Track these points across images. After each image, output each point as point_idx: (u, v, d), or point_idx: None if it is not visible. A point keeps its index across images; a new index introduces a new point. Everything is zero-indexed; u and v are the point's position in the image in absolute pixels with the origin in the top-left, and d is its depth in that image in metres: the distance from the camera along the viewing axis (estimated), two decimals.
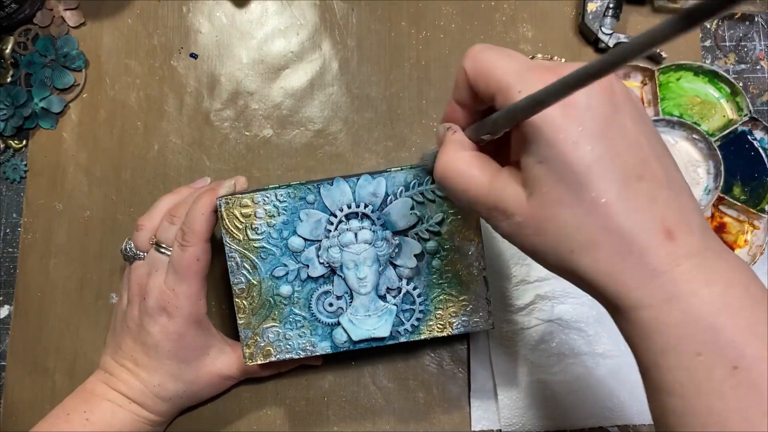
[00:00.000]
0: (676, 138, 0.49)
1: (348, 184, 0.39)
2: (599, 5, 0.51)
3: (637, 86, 0.51)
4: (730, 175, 0.49)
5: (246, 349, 0.41)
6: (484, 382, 0.47)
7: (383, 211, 0.40)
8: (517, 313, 0.48)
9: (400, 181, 0.39)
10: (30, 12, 0.53)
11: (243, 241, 0.40)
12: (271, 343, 0.40)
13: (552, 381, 0.47)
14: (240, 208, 0.40)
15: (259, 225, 0.40)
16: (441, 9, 0.53)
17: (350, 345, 0.40)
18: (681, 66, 0.50)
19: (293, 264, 0.40)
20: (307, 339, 0.40)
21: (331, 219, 0.40)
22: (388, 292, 0.40)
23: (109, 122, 0.53)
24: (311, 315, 0.40)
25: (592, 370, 0.47)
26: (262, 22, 0.54)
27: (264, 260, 0.40)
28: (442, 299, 0.40)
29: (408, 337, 0.40)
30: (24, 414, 0.49)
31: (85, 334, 0.50)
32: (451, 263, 0.40)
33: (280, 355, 0.40)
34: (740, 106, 0.49)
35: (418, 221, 0.40)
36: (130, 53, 0.53)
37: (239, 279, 0.40)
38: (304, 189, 0.40)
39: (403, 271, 0.40)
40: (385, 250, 0.39)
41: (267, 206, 0.40)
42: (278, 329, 0.40)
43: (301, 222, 0.40)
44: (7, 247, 0.51)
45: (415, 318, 0.40)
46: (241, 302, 0.40)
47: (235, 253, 0.40)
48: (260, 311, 0.40)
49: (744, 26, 0.53)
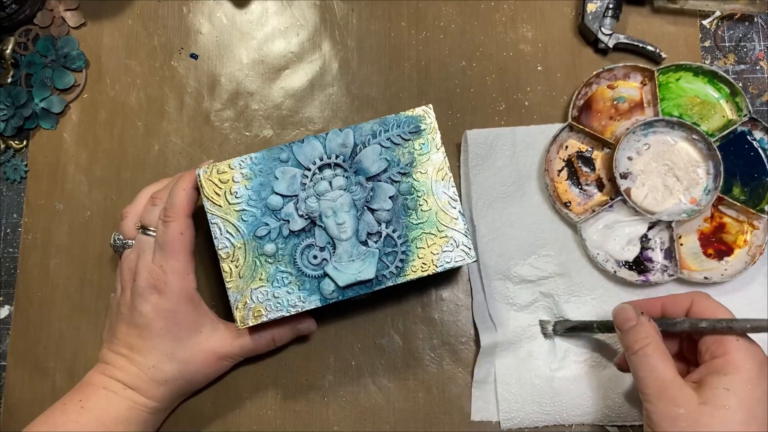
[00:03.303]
0: (676, 138, 0.49)
1: (318, 140, 0.42)
2: (599, 5, 0.51)
3: (637, 86, 0.51)
4: (730, 175, 0.49)
5: (237, 313, 0.41)
6: (486, 374, 0.48)
7: (354, 159, 0.41)
8: (520, 312, 0.48)
9: (367, 131, 0.42)
10: (30, 12, 0.53)
11: (223, 207, 0.41)
12: (261, 303, 0.41)
13: (552, 378, 0.47)
14: (218, 175, 0.42)
15: (237, 189, 0.42)
16: (441, 9, 0.53)
17: (338, 294, 0.41)
18: (681, 66, 0.50)
19: (274, 222, 0.41)
20: (296, 295, 0.41)
21: (305, 173, 0.41)
22: (369, 237, 0.41)
23: (109, 122, 0.53)
24: (297, 270, 0.41)
25: (594, 369, 0.47)
26: (263, 23, 0.54)
27: (246, 222, 0.41)
28: (422, 239, 0.41)
29: (394, 280, 0.41)
30: (24, 414, 0.49)
31: (85, 334, 0.50)
32: (425, 203, 0.41)
33: (271, 315, 0.41)
34: (740, 107, 0.49)
35: (389, 165, 0.42)
36: (130, 53, 0.54)
37: (224, 244, 0.41)
38: (277, 150, 0.42)
39: (381, 214, 0.41)
40: (360, 195, 0.41)
41: (243, 170, 0.42)
42: (266, 289, 0.41)
43: (277, 180, 0.41)
44: (8, 247, 0.51)
45: (398, 260, 0.41)
46: (227, 266, 0.41)
47: (217, 219, 0.41)
48: (247, 273, 0.41)
49: (743, 26, 0.53)
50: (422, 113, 0.42)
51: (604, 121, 0.50)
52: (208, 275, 0.50)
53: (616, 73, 0.50)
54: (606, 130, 0.50)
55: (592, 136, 0.50)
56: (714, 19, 0.53)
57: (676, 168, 0.49)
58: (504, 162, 0.50)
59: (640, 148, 0.49)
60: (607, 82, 0.51)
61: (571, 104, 0.50)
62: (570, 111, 0.49)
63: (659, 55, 0.51)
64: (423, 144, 0.42)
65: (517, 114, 0.51)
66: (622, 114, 0.50)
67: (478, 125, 0.51)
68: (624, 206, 0.48)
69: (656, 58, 0.51)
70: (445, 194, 0.41)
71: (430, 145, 0.42)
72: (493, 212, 0.49)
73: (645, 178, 0.49)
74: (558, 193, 0.49)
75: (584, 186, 0.50)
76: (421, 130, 0.42)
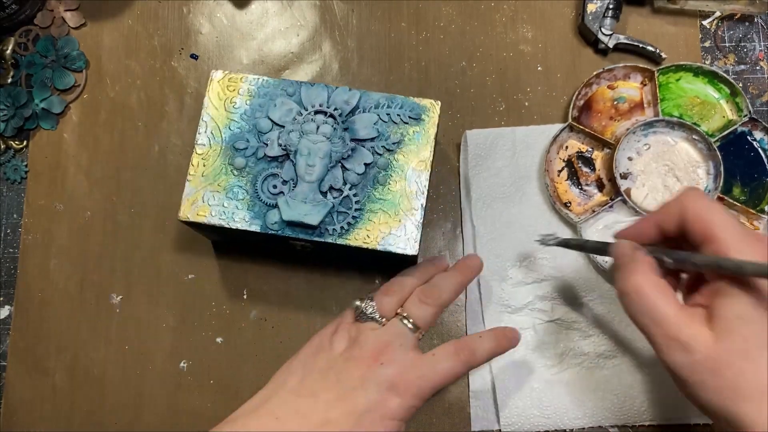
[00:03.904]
0: (676, 139, 0.49)
1: (327, 90, 0.43)
2: (599, 6, 0.51)
3: (637, 87, 0.51)
4: (730, 175, 0.49)
5: (184, 206, 0.42)
6: (483, 383, 0.47)
7: (349, 119, 0.43)
8: (515, 314, 0.48)
9: (373, 100, 0.43)
10: (31, 13, 0.53)
11: (219, 110, 0.44)
12: (210, 206, 0.42)
13: (552, 381, 0.47)
14: (228, 82, 0.44)
15: (237, 101, 0.44)
16: (441, 9, 0.53)
17: (279, 228, 0.41)
18: (681, 67, 0.50)
19: (255, 141, 0.43)
20: (243, 213, 0.42)
21: (301, 111, 0.43)
22: (330, 190, 0.42)
23: (109, 123, 0.53)
24: (254, 192, 0.42)
25: (592, 370, 0.47)
26: (263, 23, 0.54)
27: (230, 131, 0.43)
28: (377, 214, 0.42)
29: (335, 239, 0.41)
30: (24, 414, 0.49)
31: (85, 334, 0.50)
32: (395, 183, 0.42)
33: (212, 220, 0.42)
34: (740, 107, 0.49)
35: (378, 136, 0.43)
36: (130, 54, 0.54)
37: (203, 141, 0.43)
38: (288, 82, 0.44)
39: (350, 175, 0.42)
40: (339, 149, 0.42)
41: (251, 86, 0.44)
42: (220, 196, 0.42)
43: (275, 107, 0.43)
44: (8, 247, 0.51)
45: (346, 222, 0.41)
46: (196, 161, 0.43)
47: (208, 118, 0.43)
48: (210, 174, 0.43)
49: (744, 27, 0.53)
50: (429, 105, 0.43)
51: (604, 122, 0.50)
52: (209, 276, 0.50)
53: (616, 74, 0.50)
54: (606, 131, 0.50)
55: (592, 136, 0.49)
56: (714, 20, 0.53)
57: (676, 168, 0.49)
58: (504, 162, 0.50)
59: (640, 149, 0.49)
60: (607, 82, 0.51)
61: (571, 104, 0.50)
62: (570, 111, 0.49)
63: (659, 55, 0.51)
64: (417, 132, 0.43)
65: (517, 114, 0.51)
66: (622, 114, 0.50)
67: (478, 125, 0.51)
68: (624, 206, 0.48)
69: (656, 59, 0.51)
70: (416, 183, 0.42)
71: (424, 136, 0.43)
72: (493, 213, 0.49)
73: (645, 178, 0.49)
74: (558, 194, 0.49)
75: (584, 186, 0.50)
76: (422, 119, 0.43)
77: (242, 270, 0.50)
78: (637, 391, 0.46)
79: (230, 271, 0.50)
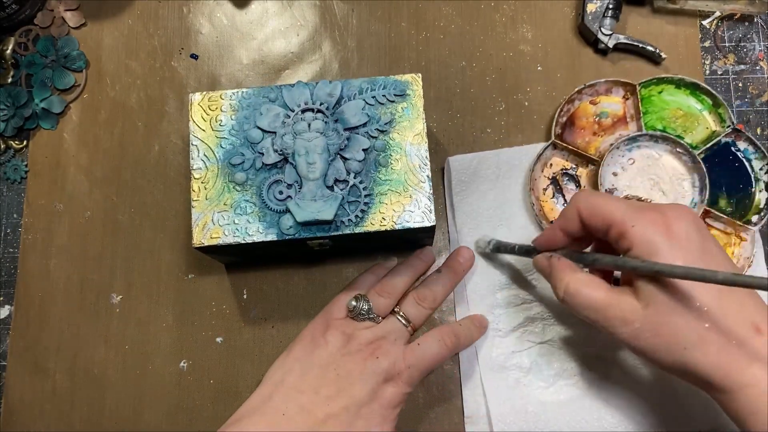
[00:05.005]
0: (661, 152, 0.49)
1: (307, 87, 0.43)
2: (599, 6, 0.51)
3: (619, 101, 0.50)
4: (716, 187, 0.48)
5: (195, 232, 0.42)
6: (477, 407, 0.47)
7: (337, 110, 0.43)
8: (506, 337, 0.48)
9: (355, 86, 0.43)
10: (31, 12, 0.53)
11: (206, 132, 0.43)
12: (221, 227, 0.42)
13: (546, 403, 0.46)
14: (209, 102, 0.43)
15: (222, 118, 0.43)
16: (441, 9, 0.53)
17: (296, 231, 0.41)
18: (662, 79, 0.50)
19: (250, 153, 0.43)
20: (256, 225, 0.42)
21: (288, 113, 0.43)
22: (336, 183, 0.42)
23: (109, 123, 0.53)
24: (261, 202, 0.42)
25: (587, 390, 0.46)
26: (263, 23, 0.54)
27: (223, 149, 0.43)
28: (387, 195, 0.42)
29: (352, 228, 0.41)
30: (24, 414, 0.49)
31: (85, 334, 0.50)
32: (397, 162, 0.42)
33: (227, 239, 0.41)
34: (723, 118, 0.49)
35: (369, 120, 0.43)
36: (130, 54, 0.54)
37: (198, 165, 0.43)
38: (267, 89, 0.43)
39: (352, 164, 0.42)
40: (335, 141, 0.42)
41: (232, 101, 0.43)
42: (229, 214, 0.42)
43: (261, 116, 0.43)
44: (8, 247, 0.51)
45: (359, 210, 0.41)
46: (197, 186, 0.42)
47: (197, 141, 0.43)
48: (213, 196, 0.42)
49: (743, 27, 0.53)
50: (410, 79, 0.43)
51: (587, 138, 0.50)
52: (209, 275, 0.50)
53: (597, 89, 0.50)
54: (590, 147, 0.50)
55: (576, 153, 0.49)
56: (714, 20, 0.53)
57: (661, 182, 0.48)
58: (488, 186, 0.49)
59: (624, 164, 0.49)
60: (589, 97, 0.50)
61: (554, 121, 0.49)
62: (553, 128, 0.49)
63: (659, 55, 0.51)
64: (406, 108, 0.43)
65: (517, 114, 0.51)
66: (606, 129, 0.50)
67: (478, 125, 0.51)
68: None
69: (656, 59, 0.51)
70: (417, 157, 0.42)
71: (413, 110, 0.43)
72: (480, 235, 0.49)
73: (631, 193, 0.49)
74: (544, 212, 0.49)
75: None
76: (407, 95, 0.43)
77: (242, 270, 0.50)
78: (631, 411, 0.46)
79: (230, 271, 0.50)
